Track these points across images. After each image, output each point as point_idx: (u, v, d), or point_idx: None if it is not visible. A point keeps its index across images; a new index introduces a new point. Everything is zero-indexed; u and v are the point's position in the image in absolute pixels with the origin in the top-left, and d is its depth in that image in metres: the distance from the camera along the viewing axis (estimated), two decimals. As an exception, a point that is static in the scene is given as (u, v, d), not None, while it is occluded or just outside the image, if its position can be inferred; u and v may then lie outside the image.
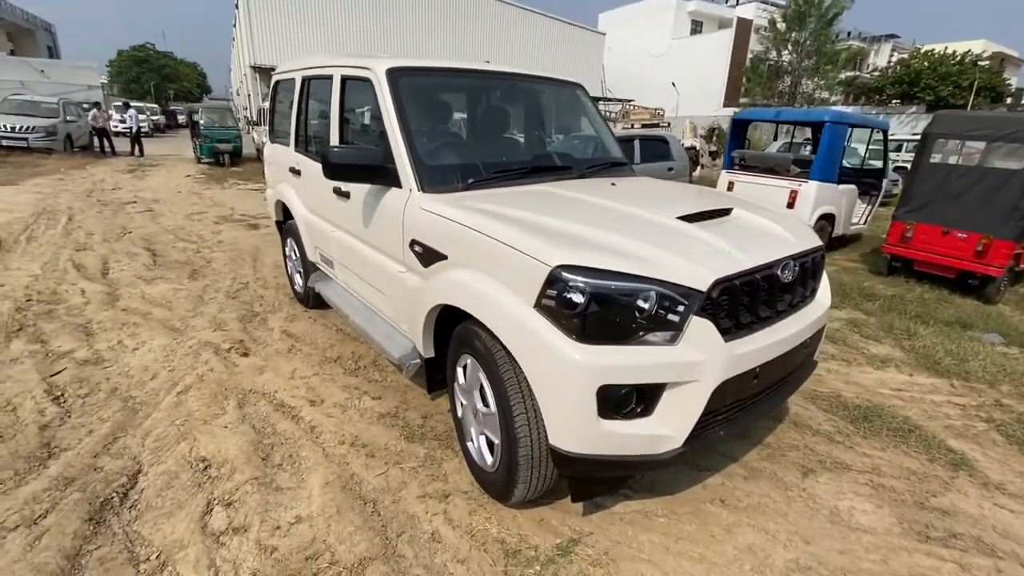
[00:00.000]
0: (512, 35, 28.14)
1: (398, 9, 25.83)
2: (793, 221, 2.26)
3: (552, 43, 29.01)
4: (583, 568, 1.80)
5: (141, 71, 41.52)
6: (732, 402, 1.80)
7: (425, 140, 2.46)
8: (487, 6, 27.46)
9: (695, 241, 1.79)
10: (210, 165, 14.27)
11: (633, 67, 36.50)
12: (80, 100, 23.36)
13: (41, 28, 33.99)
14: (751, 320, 1.80)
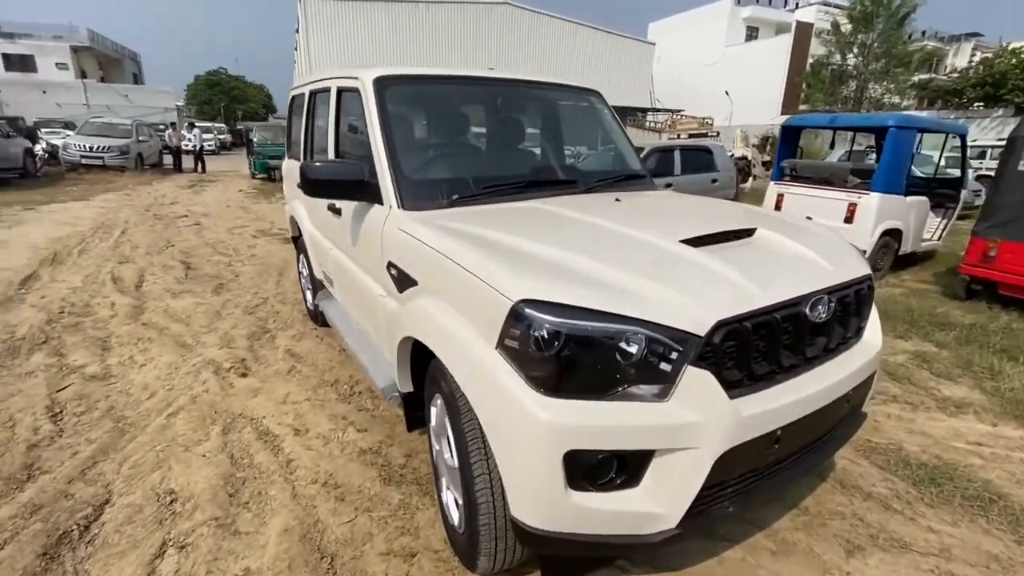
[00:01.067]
0: (559, 48, 28.09)
1: (448, 28, 26.43)
2: (833, 243, 1.88)
3: (600, 55, 28.71)
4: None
5: (213, 94, 44.58)
6: (745, 472, 1.44)
7: (411, 152, 2.27)
8: (534, 20, 27.60)
9: (698, 270, 1.46)
10: (263, 180, 14.92)
11: (684, 76, 35.55)
12: (157, 121, 25.30)
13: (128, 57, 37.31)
14: (770, 371, 1.44)
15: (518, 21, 27.35)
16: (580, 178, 2.49)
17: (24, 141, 13.10)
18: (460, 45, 26.67)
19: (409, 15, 26.09)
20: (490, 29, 27.11)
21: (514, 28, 27.37)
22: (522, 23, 27.41)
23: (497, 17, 27.12)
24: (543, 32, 27.88)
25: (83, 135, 14.58)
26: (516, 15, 27.18)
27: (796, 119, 6.31)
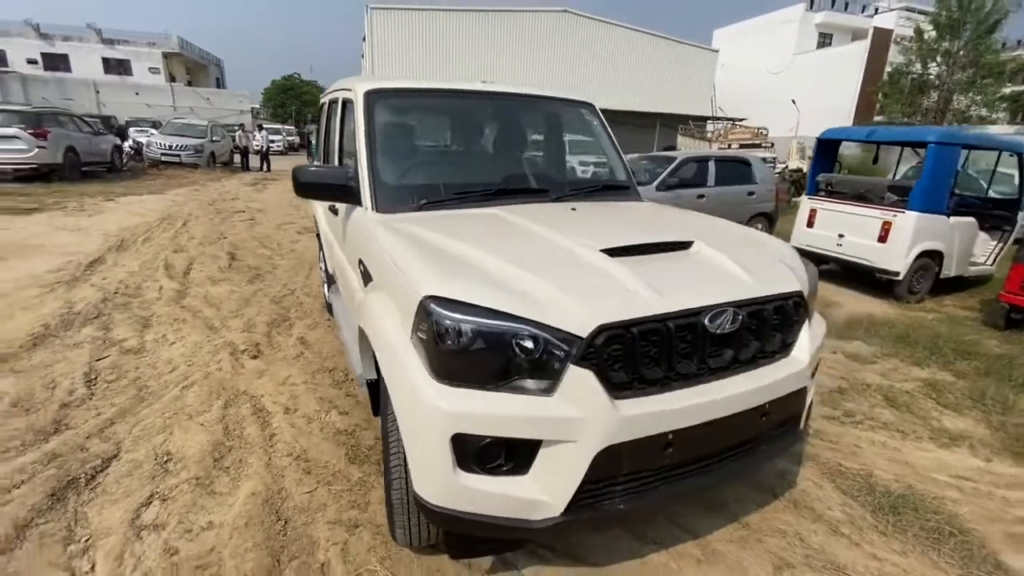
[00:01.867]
0: (619, 55, 27.93)
1: (509, 36, 26.89)
2: (768, 258, 1.90)
3: (660, 62, 28.31)
4: (454, 634, 1.61)
5: (286, 98, 47.66)
6: (637, 472, 1.51)
7: (390, 159, 2.46)
8: (595, 28, 27.61)
9: (601, 278, 1.55)
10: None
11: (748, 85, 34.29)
12: (233, 123, 27.33)
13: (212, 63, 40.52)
14: (663, 376, 1.51)
15: (579, 29, 27.46)
16: (553, 187, 2.60)
17: (113, 138, 14.59)
18: (521, 53, 27.09)
19: (472, 24, 26.80)
20: (551, 37, 27.38)
21: (575, 36, 27.49)
22: (583, 31, 27.50)
23: (558, 25, 27.35)
24: (603, 40, 27.82)
25: (164, 134, 16.05)
26: (577, 23, 27.30)
27: (832, 131, 6.05)
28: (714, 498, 2.27)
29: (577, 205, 2.35)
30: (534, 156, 2.95)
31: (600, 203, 2.49)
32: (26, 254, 5.91)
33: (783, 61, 33.74)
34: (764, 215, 7.89)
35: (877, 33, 29.78)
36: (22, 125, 11.05)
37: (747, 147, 15.19)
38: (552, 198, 2.50)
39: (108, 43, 32.17)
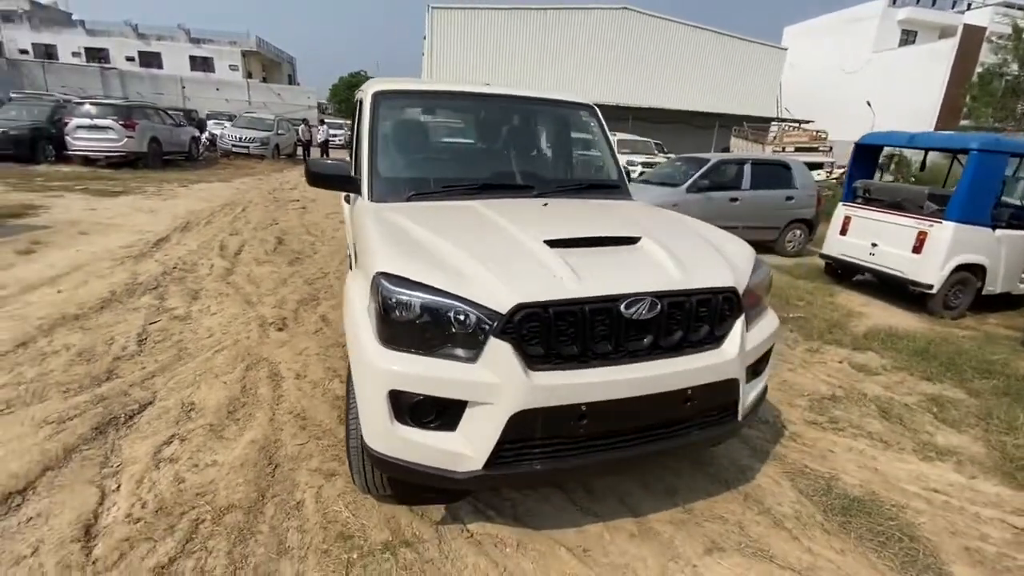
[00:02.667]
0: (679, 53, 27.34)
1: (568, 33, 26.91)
2: (710, 256, 2.01)
3: (723, 61, 27.48)
4: (394, 569, 1.85)
5: (350, 94, 49.96)
6: (553, 438, 1.69)
7: (389, 154, 2.73)
8: (655, 25, 27.13)
9: (534, 265, 1.74)
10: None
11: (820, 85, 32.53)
12: (301, 117, 28.98)
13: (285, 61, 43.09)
14: (580, 354, 1.67)
15: (639, 26, 27.08)
16: (539, 184, 2.78)
17: (192, 130, 15.96)
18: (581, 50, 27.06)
19: (531, 22, 27.02)
20: (609, 35, 27.16)
21: (635, 33, 27.14)
22: (643, 28, 27.10)
23: (618, 22, 27.09)
24: (664, 37, 27.31)
25: (236, 127, 17.36)
26: (637, 20, 26.92)
27: (871, 136, 5.79)
28: (666, 483, 2.39)
29: (553, 201, 2.52)
30: (529, 154, 3.13)
31: (578, 200, 2.64)
32: (106, 231, 6.72)
33: (859, 60, 31.71)
34: (803, 221, 7.64)
35: (968, 31, 27.40)
36: (115, 117, 12.36)
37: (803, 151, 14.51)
38: (534, 194, 2.68)
39: (195, 42, 35.01)
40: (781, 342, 4.25)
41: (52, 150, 12.57)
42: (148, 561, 1.85)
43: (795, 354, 4.04)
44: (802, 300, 5.32)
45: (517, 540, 2.02)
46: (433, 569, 1.87)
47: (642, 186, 7.93)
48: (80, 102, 13.02)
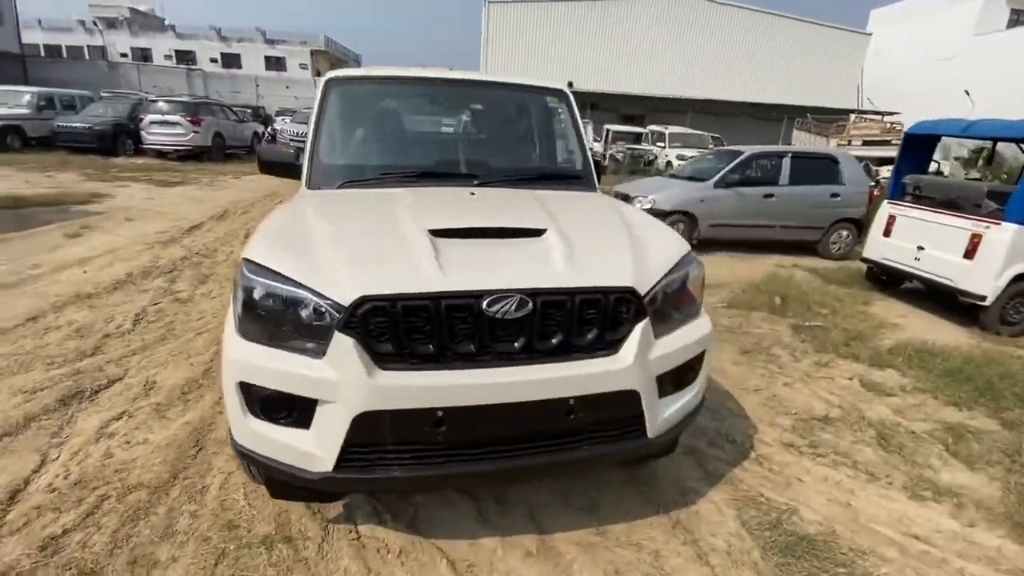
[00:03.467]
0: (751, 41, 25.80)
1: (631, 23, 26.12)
2: (616, 253, 1.80)
3: (799, 49, 25.70)
4: (263, 564, 1.80)
5: (414, 90, 51.38)
6: (410, 443, 1.56)
7: (333, 141, 2.68)
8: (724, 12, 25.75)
9: (399, 255, 1.62)
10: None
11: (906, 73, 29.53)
12: None
13: (352, 59, 44.79)
14: (437, 354, 1.53)
15: (702, 13, 25.82)
16: (484, 172, 2.62)
17: (255, 125, 16.96)
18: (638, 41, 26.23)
19: (591, 13, 26.47)
20: (671, 23, 26.10)
21: (697, 21, 25.93)
22: (706, 15, 25.82)
23: (679, 10, 25.95)
24: (728, 24, 25.90)
25: (294, 122, 18.22)
26: (700, 7, 25.66)
27: (921, 125, 5.07)
28: (589, 499, 2.19)
29: (485, 191, 2.37)
30: (482, 142, 2.99)
31: (513, 190, 2.47)
32: (151, 218, 7.23)
33: (958, 44, 28.43)
34: (850, 221, 6.91)
35: (1097, 6, 23.79)
36: (183, 113, 13.35)
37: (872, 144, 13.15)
38: (476, 183, 2.53)
39: (270, 43, 37.22)
40: (786, 353, 3.85)
41: (131, 144, 13.76)
42: (45, 531, 1.91)
43: (798, 367, 3.64)
44: (827, 308, 4.80)
45: (402, 547, 1.91)
46: (303, 568, 1.80)
47: (667, 181, 7.51)
48: (154, 100, 14.17)
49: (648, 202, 6.66)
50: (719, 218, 6.70)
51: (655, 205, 6.61)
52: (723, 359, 3.68)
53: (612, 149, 18.12)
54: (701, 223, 6.70)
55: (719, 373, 3.46)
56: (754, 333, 4.22)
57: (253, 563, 1.81)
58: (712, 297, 5.06)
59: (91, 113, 13.98)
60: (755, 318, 4.56)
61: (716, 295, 5.14)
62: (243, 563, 1.80)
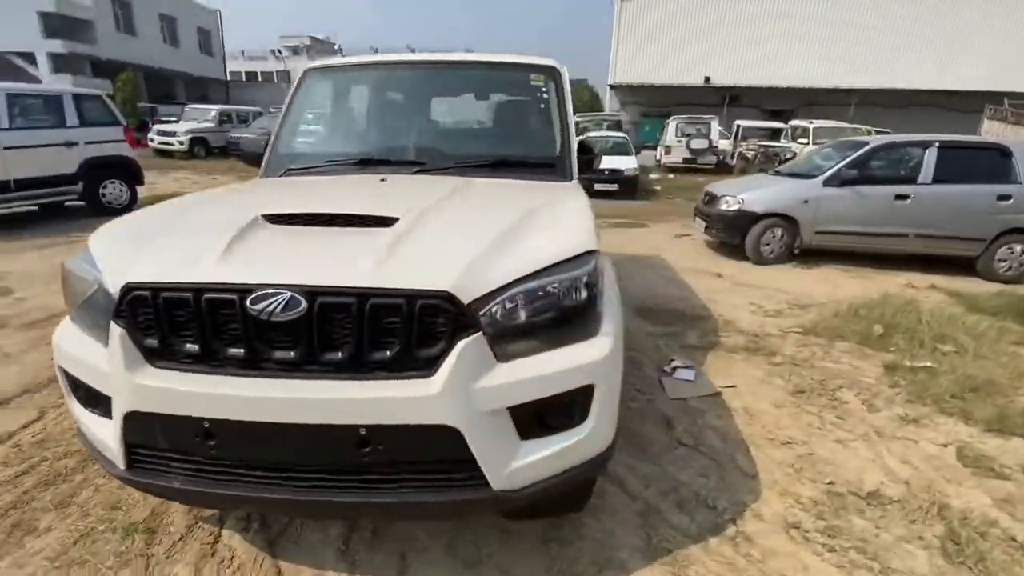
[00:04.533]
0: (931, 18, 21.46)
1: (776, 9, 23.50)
2: (458, 246, 1.42)
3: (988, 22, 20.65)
4: (109, 553, 1.77)
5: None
6: (181, 453, 1.39)
7: (291, 130, 2.64)
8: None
9: (193, 241, 1.46)
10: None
11: None
12: None
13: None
14: (202, 355, 1.32)
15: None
16: (435, 159, 2.36)
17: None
18: (798, 24, 23.42)
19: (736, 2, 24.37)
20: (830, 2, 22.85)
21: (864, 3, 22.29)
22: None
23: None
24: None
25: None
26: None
27: None
28: (476, 553, 1.81)
29: (400, 178, 2.13)
30: (443, 127, 2.73)
31: (444, 178, 2.15)
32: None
33: None
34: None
35: None
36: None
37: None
38: (414, 170, 2.29)
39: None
40: (858, 400, 2.93)
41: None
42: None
43: (868, 420, 2.72)
44: (952, 344, 3.57)
45: (243, 562, 1.75)
46: (140, 564, 1.73)
47: (768, 178, 6.40)
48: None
49: (735, 202, 5.71)
50: (829, 224, 5.47)
51: (743, 206, 5.65)
52: (763, 398, 2.91)
53: (742, 146, 16.27)
54: (804, 229, 5.55)
55: (747, 415, 2.74)
56: (825, 368, 3.30)
57: (104, 548, 1.79)
58: (787, 320, 4.12)
59: (258, 126, 16.50)
60: (837, 350, 3.58)
61: (794, 317, 4.17)
62: (96, 547, 1.80)
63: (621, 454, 2.35)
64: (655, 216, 9.18)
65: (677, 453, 2.41)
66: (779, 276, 5.38)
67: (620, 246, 6.65)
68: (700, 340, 3.69)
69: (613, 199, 11.13)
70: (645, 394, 2.94)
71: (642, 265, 5.73)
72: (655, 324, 3.96)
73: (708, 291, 4.82)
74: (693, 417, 2.72)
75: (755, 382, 3.10)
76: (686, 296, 4.66)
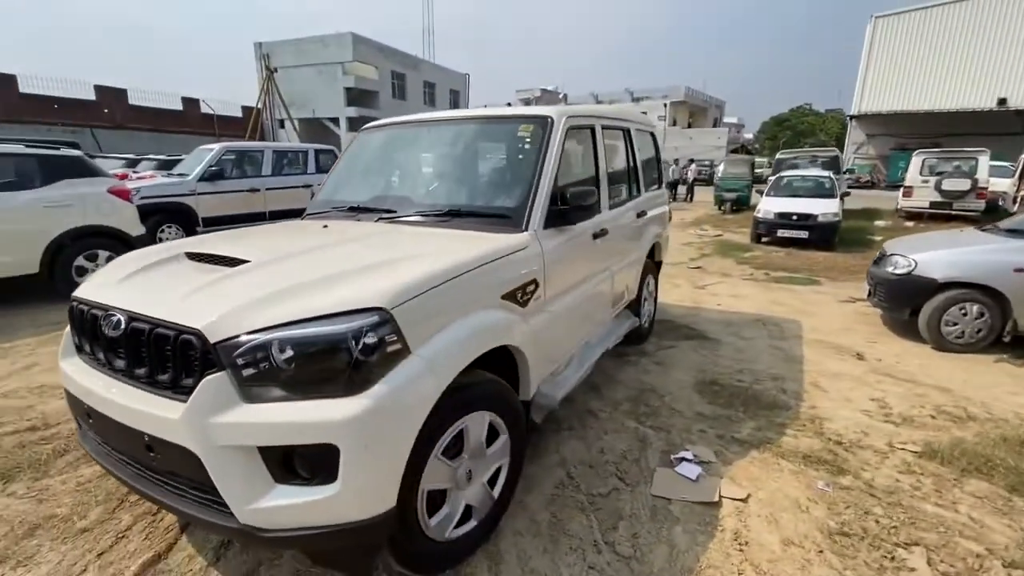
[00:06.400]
0: None
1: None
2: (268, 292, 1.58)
3: None
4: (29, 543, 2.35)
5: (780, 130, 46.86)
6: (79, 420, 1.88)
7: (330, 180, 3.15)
8: None
9: (122, 270, 1.95)
10: (719, 212, 15.61)
11: None
12: (706, 158, 29.96)
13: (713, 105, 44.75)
14: (83, 351, 1.81)
15: None
16: (403, 208, 2.55)
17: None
18: None
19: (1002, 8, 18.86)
20: None
21: None
22: None
23: None
24: None
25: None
26: None
27: None
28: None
29: (340, 224, 2.48)
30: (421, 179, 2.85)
31: (390, 225, 2.41)
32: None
33: None
34: None
35: None
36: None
37: None
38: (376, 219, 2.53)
39: (635, 100, 41.41)
40: (944, 569, 1.96)
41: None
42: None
43: None
44: None
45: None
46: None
47: (970, 235, 4.70)
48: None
49: (905, 264, 4.33)
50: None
51: (915, 269, 4.24)
52: (778, 526, 2.20)
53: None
54: (1018, 310, 3.87)
55: (735, 545, 2.11)
56: (917, 512, 2.27)
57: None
58: (915, 432, 2.95)
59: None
60: (962, 490, 2.42)
61: (927, 431, 2.96)
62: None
63: (519, 538, 2.10)
64: (840, 273, 7.48)
65: (588, 559, 2.02)
66: (958, 371, 3.85)
67: (760, 304, 5.68)
68: (752, 434, 2.94)
69: (803, 248, 9.48)
70: (624, 481, 2.51)
71: (761, 330, 4.78)
72: (711, 403, 3.31)
73: (822, 375, 3.77)
74: (658, 524, 2.22)
75: (783, 503, 2.35)
76: (782, 376, 3.73)
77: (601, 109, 3.39)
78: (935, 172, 12.61)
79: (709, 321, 5.07)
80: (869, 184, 25.37)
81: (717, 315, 5.30)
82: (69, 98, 20.99)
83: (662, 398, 3.38)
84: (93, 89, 21.94)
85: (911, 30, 21.56)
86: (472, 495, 1.93)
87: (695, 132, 37.35)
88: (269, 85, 21.46)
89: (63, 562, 1.96)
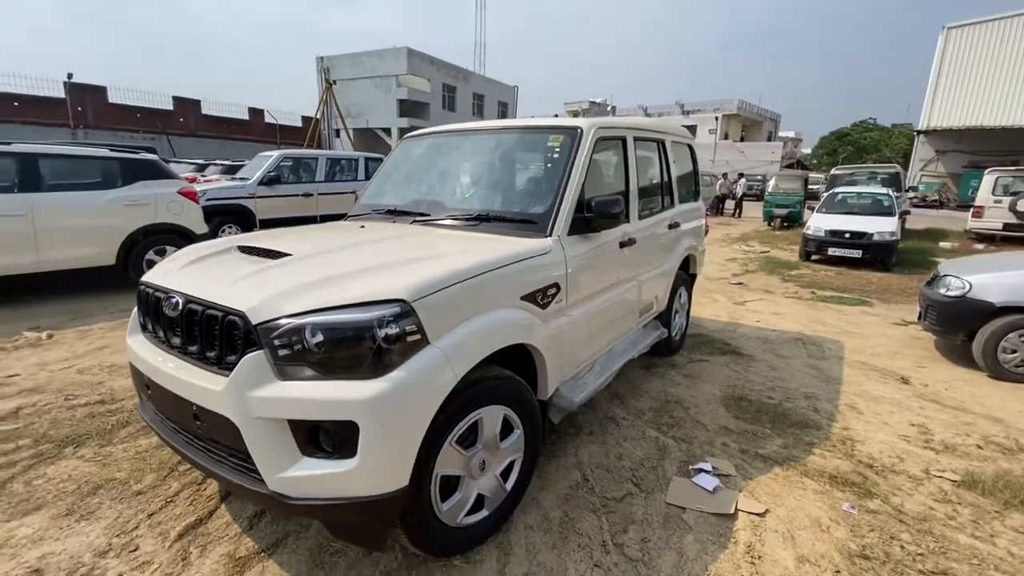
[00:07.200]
0: None
1: None
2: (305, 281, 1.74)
3: None
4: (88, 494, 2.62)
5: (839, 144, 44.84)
6: (141, 397, 2.10)
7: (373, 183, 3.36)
8: None
9: (183, 258, 2.16)
10: (768, 227, 15.13)
11: None
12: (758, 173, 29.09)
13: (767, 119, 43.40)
14: (147, 329, 2.04)
15: None
16: (436, 212, 2.71)
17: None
18: None
19: None
20: None
21: None
22: None
23: None
24: None
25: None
26: None
27: None
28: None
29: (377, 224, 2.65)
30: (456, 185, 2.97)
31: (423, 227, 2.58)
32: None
33: None
34: None
35: None
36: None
37: None
38: (410, 220, 2.71)
39: (685, 113, 40.75)
40: None
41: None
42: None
43: None
44: None
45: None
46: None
47: None
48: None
49: (959, 285, 4.10)
50: None
51: (969, 291, 4.01)
52: (794, 544, 2.16)
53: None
54: (1086, 339, 3.59)
55: (746, 558, 2.10)
56: (949, 542, 2.17)
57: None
58: (956, 461, 2.80)
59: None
60: (1002, 523, 2.29)
61: (970, 460, 2.80)
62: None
63: (529, 532, 2.17)
64: (895, 295, 7.11)
65: (595, 558, 2.06)
66: (1014, 400, 3.61)
67: (802, 323, 5.50)
68: (778, 451, 2.88)
69: (856, 267, 9.07)
70: (639, 487, 2.53)
71: (800, 349, 4.64)
72: (737, 418, 3.26)
73: (861, 397, 3.62)
74: (670, 531, 2.23)
75: (802, 521, 2.30)
76: (816, 395, 3.62)
77: (634, 121, 3.44)
78: (1010, 192, 11.80)
79: (745, 337, 4.96)
80: (937, 204, 23.84)
81: (755, 332, 5.17)
82: (150, 107, 22.82)
83: (687, 410, 3.36)
84: (171, 100, 23.77)
85: (986, 41, 20.26)
86: (485, 485, 2.02)
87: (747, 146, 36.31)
88: (328, 96, 22.59)
89: (119, 519, 2.19)
